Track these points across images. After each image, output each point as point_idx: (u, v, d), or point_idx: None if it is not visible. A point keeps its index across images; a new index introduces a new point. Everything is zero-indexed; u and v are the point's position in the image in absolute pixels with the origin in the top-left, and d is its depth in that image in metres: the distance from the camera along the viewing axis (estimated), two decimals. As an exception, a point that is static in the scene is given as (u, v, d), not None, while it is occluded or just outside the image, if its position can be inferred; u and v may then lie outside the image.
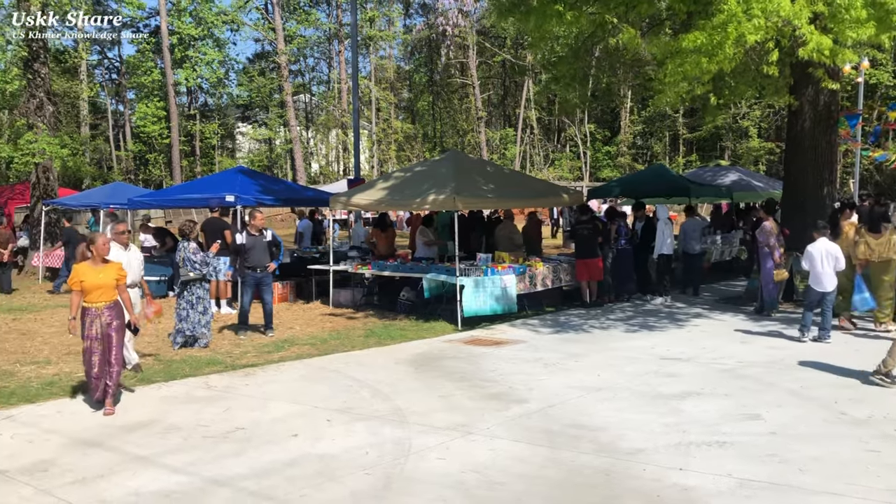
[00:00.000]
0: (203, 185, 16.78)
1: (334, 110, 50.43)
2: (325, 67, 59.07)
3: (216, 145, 52.93)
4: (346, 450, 5.86)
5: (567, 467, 5.42)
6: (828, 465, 5.33)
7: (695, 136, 47.09)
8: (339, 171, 52.14)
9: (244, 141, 59.30)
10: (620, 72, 16.96)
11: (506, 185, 13.51)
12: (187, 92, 51.77)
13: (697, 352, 9.33)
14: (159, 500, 4.94)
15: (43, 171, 20.77)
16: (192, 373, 8.61)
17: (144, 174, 48.90)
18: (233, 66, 51.91)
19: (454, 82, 54.11)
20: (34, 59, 20.45)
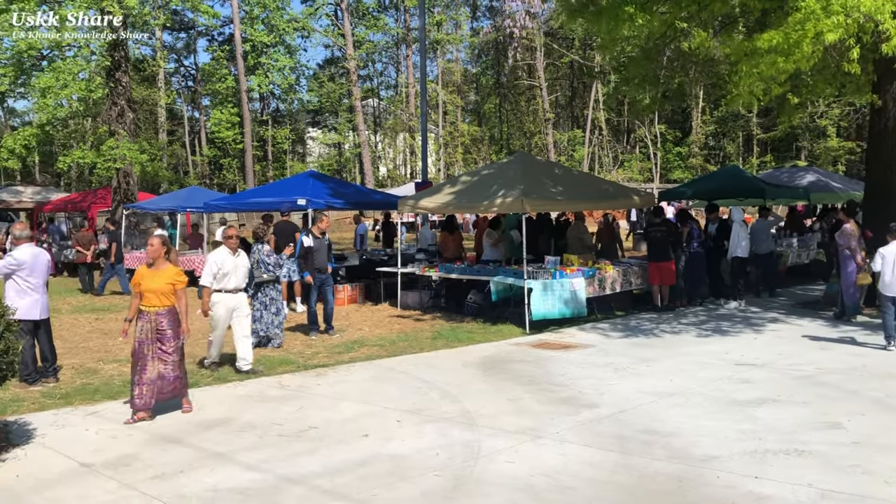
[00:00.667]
0: (276, 189, 17.17)
1: (402, 114, 50.88)
2: (393, 72, 59.67)
3: (287, 150, 53.99)
4: (416, 450, 5.91)
5: (639, 473, 5.35)
6: (915, 477, 5.12)
7: (769, 137, 45.77)
8: (407, 175, 52.56)
9: (314, 146, 60.37)
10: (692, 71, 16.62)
11: (575, 187, 13.40)
12: (260, 98, 52.96)
13: (773, 357, 9.08)
14: (235, 497, 5.08)
15: (123, 176, 21.59)
16: (267, 372, 8.81)
17: (218, 178, 50.24)
18: (303, 72, 52.83)
19: (521, 84, 53.95)
20: (116, 68, 21.29)
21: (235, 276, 8.77)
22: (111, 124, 21.31)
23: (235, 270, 8.77)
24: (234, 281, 8.75)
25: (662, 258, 12.90)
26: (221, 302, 8.70)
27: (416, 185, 19.96)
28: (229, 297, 8.72)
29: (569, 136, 52.19)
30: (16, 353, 5.92)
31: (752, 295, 14.07)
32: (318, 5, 48.72)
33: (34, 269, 8.08)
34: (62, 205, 26.31)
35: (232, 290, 8.74)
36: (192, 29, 52.59)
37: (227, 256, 8.75)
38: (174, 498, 5.04)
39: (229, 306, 8.70)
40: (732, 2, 11.50)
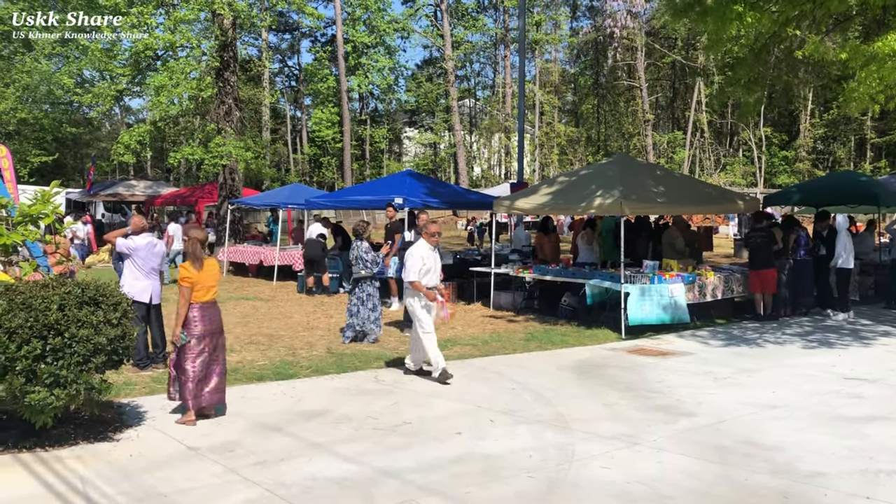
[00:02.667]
0: (374, 188, 17.50)
1: (498, 114, 50.91)
2: (490, 72, 59.83)
3: (384, 149, 54.95)
4: (509, 451, 5.92)
5: (740, 486, 5.19)
6: None
7: (885, 141, 43.45)
8: (501, 175, 52.58)
9: (410, 145, 61.19)
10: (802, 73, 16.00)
11: (675, 190, 13.10)
12: (359, 98, 54.07)
13: (885, 373, 8.63)
14: (332, 486, 5.21)
15: (229, 173, 22.46)
16: (362, 366, 9.00)
17: (318, 176, 51.60)
18: (402, 72, 53.67)
19: (620, 85, 53.09)
20: (225, 69, 22.16)
21: (435, 273, 8.37)
22: (219, 122, 22.20)
23: (435, 266, 8.37)
24: (434, 278, 8.34)
25: (763, 265, 12.45)
26: (424, 302, 8.25)
27: (512, 185, 19.94)
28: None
29: (669, 138, 51.00)
30: (131, 339, 6.24)
31: (882, 306, 13.66)
32: (418, 6, 49.39)
33: (149, 255, 8.67)
34: (171, 199, 27.62)
35: (432, 287, 8.31)
36: (296, 30, 54.24)
37: (429, 251, 8.32)
38: (274, 485, 5.22)
39: (430, 303, 8.29)
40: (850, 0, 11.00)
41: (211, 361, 6.78)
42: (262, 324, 12.08)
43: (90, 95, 24.71)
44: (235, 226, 22.13)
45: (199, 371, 6.67)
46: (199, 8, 20.83)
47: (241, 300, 14.82)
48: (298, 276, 16.63)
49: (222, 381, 6.88)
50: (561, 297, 12.83)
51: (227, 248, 20.20)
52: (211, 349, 6.79)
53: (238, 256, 19.71)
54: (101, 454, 5.82)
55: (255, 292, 16.15)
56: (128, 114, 52.93)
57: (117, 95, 25.79)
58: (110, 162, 40.84)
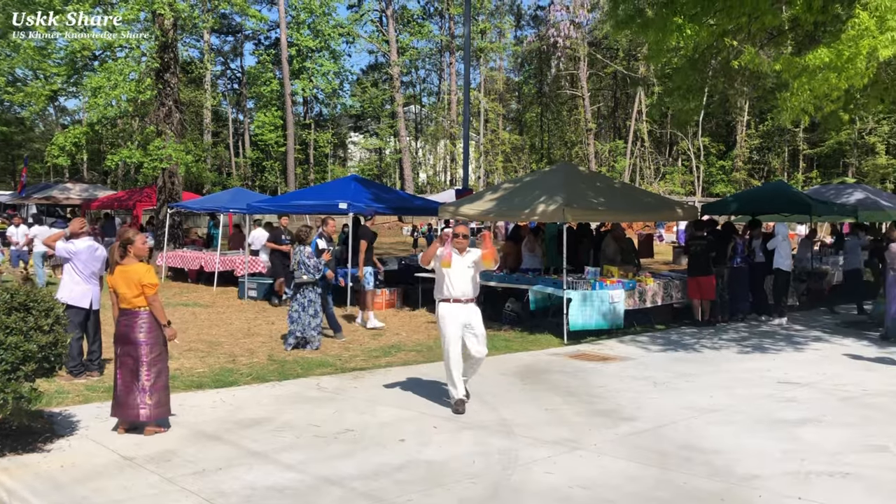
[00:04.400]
0: (318, 192, 17.32)
1: (443, 121, 51.07)
2: (436, 79, 60.00)
3: (329, 154, 54.58)
4: (453, 457, 5.90)
5: (680, 489, 5.28)
6: (965, 505, 4.98)
7: (816, 152, 45.03)
8: (446, 181, 52.72)
9: (355, 150, 60.94)
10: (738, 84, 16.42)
11: (616, 198, 13.31)
12: (303, 102, 53.62)
13: (817, 377, 8.90)
14: (274, 495, 5.12)
15: (169, 176, 21.99)
16: (304, 374, 8.88)
17: (261, 180, 50.93)
18: (347, 76, 53.42)
19: (563, 94, 53.84)
20: (165, 70, 21.72)
21: (464, 281, 7.27)
22: (159, 124, 21.73)
23: (462, 275, 7.26)
24: (461, 287, 7.26)
25: (702, 272, 12.74)
26: (450, 315, 7.26)
27: (457, 191, 19.99)
28: (459, 309, 7.27)
29: (610, 147, 51.91)
30: (64, 346, 6.05)
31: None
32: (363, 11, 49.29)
33: (90, 260, 8.43)
34: (109, 202, 26.91)
35: (460, 299, 7.29)
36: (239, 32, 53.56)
37: (455, 256, 7.26)
38: (213, 494, 5.10)
39: (460, 320, 7.24)
40: (783, 15, 11.35)
41: (125, 373, 6.48)
42: (202, 330, 11.84)
43: (22, 94, 23.91)
44: (175, 230, 21.67)
45: (118, 380, 6.49)
46: (139, 8, 20.37)
47: (180, 306, 14.51)
48: (240, 281, 16.35)
49: (132, 396, 6.42)
50: (505, 302, 12.90)
51: (165, 253, 19.76)
52: (119, 358, 6.54)
53: (177, 261, 19.31)
54: (30, 465, 5.61)
55: (194, 298, 15.83)
56: (63, 115, 51.48)
57: (51, 95, 25.01)
58: (44, 164, 39.61)
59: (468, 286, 7.26)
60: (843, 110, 11.32)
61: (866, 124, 39.36)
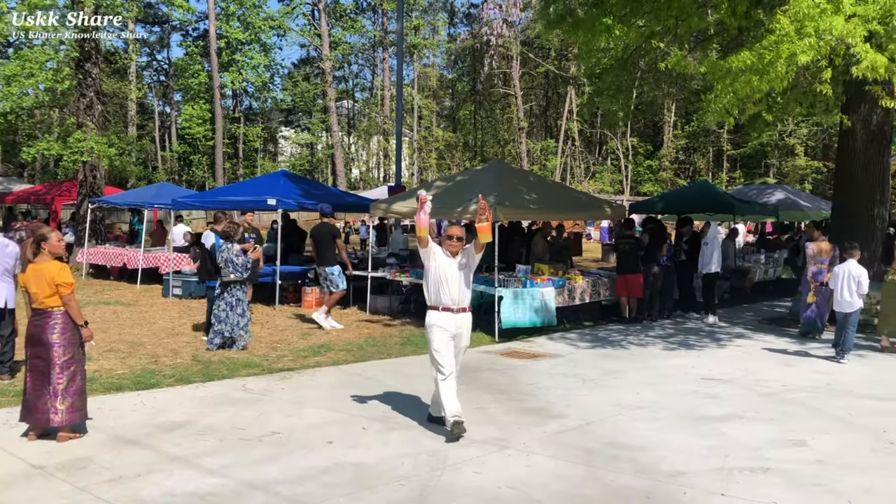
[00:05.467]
0: (246, 188, 16.96)
1: (377, 117, 50.75)
2: (369, 74, 59.61)
3: (259, 149, 53.60)
4: (381, 459, 5.81)
5: (606, 487, 5.31)
6: (878, 497, 5.15)
7: (739, 153, 46.48)
8: (380, 178, 52.42)
9: (286, 145, 60.03)
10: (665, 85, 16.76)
11: (548, 197, 13.41)
12: (232, 95, 52.49)
13: (739, 373, 9.13)
14: (195, 501, 4.94)
15: (90, 170, 21.18)
16: (230, 375, 8.65)
17: (188, 175, 49.67)
18: (278, 70, 52.52)
19: (496, 92, 54.17)
20: (86, 59, 20.88)
21: (455, 287, 6.47)
22: (79, 116, 20.89)
23: (459, 280, 6.49)
24: (452, 294, 6.48)
25: (630, 270, 12.95)
26: (438, 324, 6.49)
27: (390, 188, 19.88)
28: (448, 319, 6.51)
29: (542, 146, 52.48)
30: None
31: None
32: (294, 4, 48.46)
33: (0, 256, 7.96)
34: (25, 196, 25.81)
35: (451, 308, 6.53)
36: (166, 23, 52.07)
37: (446, 259, 6.52)
38: (130, 502, 4.89)
39: (450, 331, 6.49)
40: (709, 19, 11.61)
41: (35, 376, 6.17)
42: (124, 330, 11.44)
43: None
44: (97, 226, 20.89)
45: (28, 384, 6.19)
46: (58, -7, 19.56)
47: (101, 305, 14.00)
48: (164, 279, 15.87)
49: (43, 401, 6.11)
50: (436, 300, 12.83)
51: (86, 250, 19.05)
52: (30, 360, 6.23)
53: (99, 258, 18.65)
54: (-69, 476, 5.28)
55: (116, 296, 15.30)
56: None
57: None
58: (-46, 155, 37.77)
59: (460, 292, 6.48)
60: (766, 112, 11.63)
61: (787, 127, 40.77)
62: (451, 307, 6.45)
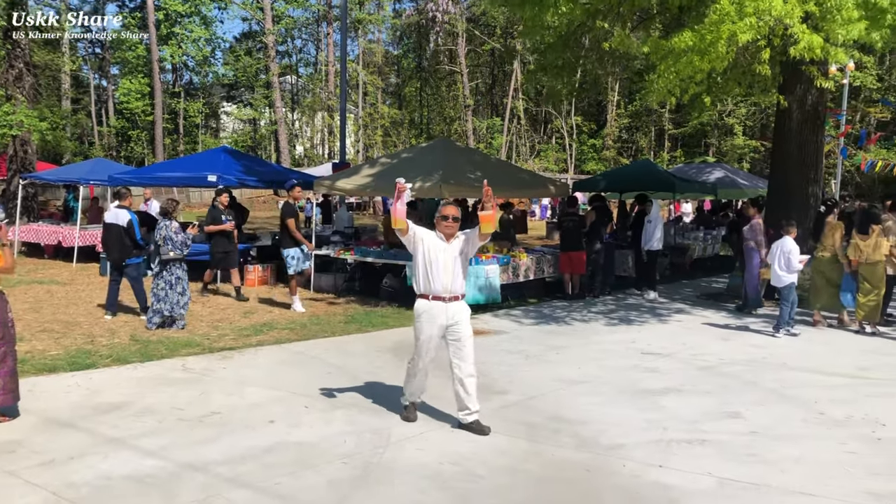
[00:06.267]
0: (186, 164, 16.58)
1: (321, 93, 50.03)
2: (313, 49, 58.66)
3: (200, 124, 52.39)
4: (324, 438, 5.77)
5: (548, 461, 5.37)
6: (808, 466, 5.32)
7: (680, 132, 47.25)
8: (324, 155, 51.80)
9: (228, 121, 58.81)
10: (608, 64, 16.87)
11: (492, 175, 13.38)
12: (172, 69, 51.14)
13: (678, 348, 9.32)
14: (131, 485, 4.83)
15: (21, 144, 20.43)
16: (169, 354, 8.47)
17: (126, 151, 48.29)
18: (219, 44, 51.30)
19: (442, 69, 53.90)
20: (14, 29, 20.06)
21: (447, 273, 5.93)
22: (8, 88, 20.09)
23: (451, 266, 5.93)
24: (443, 280, 5.93)
25: (573, 247, 13.08)
26: (427, 313, 6.01)
27: (334, 165, 19.66)
28: (439, 309, 5.99)
29: (488, 124, 52.50)
30: None
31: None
32: (236, -24, 47.29)
33: None
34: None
35: (442, 296, 6.00)
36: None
37: (437, 242, 5.98)
38: (62, 486, 4.75)
39: (439, 322, 5.99)
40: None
41: None
42: (58, 310, 11.10)
43: None
44: (29, 203, 20.19)
45: None
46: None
47: (34, 284, 13.56)
48: (101, 257, 15.43)
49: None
50: (382, 278, 12.80)
51: (18, 227, 18.40)
52: None
53: (32, 236, 18.02)
54: None
55: (50, 275, 14.83)
56: None
57: None
58: None
59: (453, 279, 5.90)
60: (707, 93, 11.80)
61: (726, 106, 41.57)
62: (442, 296, 5.89)
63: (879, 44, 10.03)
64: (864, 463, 5.37)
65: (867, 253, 10.25)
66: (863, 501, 4.71)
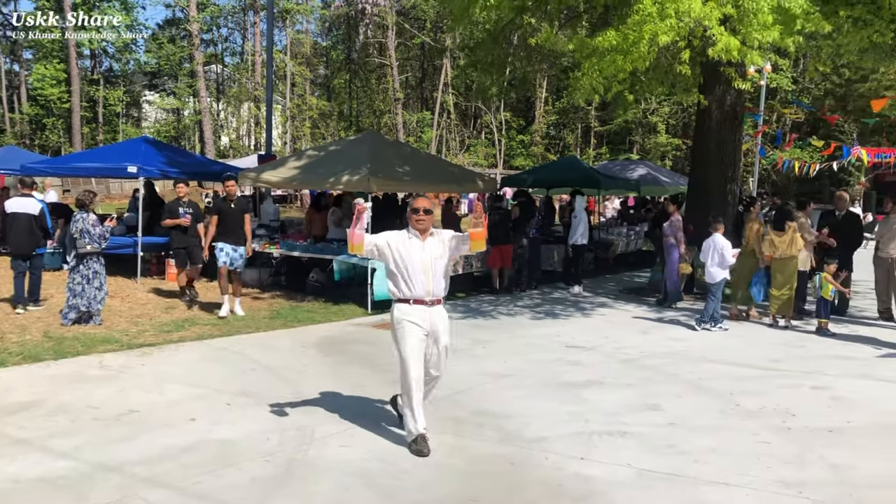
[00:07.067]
0: (105, 154, 16.01)
1: (247, 83, 49.05)
2: (239, 38, 57.46)
3: (121, 113, 50.69)
4: (246, 435, 5.67)
5: (473, 455, 5.41)
6: (723, 456, 5.49)
7: (606, 130, 48.18)
8: (251, 146, 50.80)
9: (151, 110, 57.05)
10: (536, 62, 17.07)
11: (422, 169, 13.42)
12: (91, 55, 49.31)
13: (601, 341, 9.51)
14: (41, 487, 4.65)
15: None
16: (85, 351, 8.19)
17: (41, 139, 46.34)
18: (141, 31, 49.68)
19: (372, 62, 53.54)
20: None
21: (426, 274, 5.45)
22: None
23: (430, 266, 5.46)
24: (423, 282, 5.45)
25: (501, 241, 13.19)
26: (407, 319, 5.44)
27: (260, 157, 19.30)
28: (422, 313, 5.46)
29: (418, 118, 52.43)
30: None
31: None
32: (159, -39, 45.89)
33: None
34: None
35: (424, 300, 5.49)
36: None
37: (408, 242, 5.49)
38: (-33, 491, 4.55)
39: (423, 327, 5.45)
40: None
41: None
42: (-35, 305, 10.60)
43: None
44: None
45: None
46: None
47: (-61, 278, 12.90)
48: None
49: None
50: (308, 273, 12.66)
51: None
52: None
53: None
54: None
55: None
56: None
57: None
58: None
59: (434, 282, 5.46)
60: (630, 91, 12.05)
61: (650, 105, 42.58)
62: (423, 299, 5.42)
63: (792, 48, 10.41)
64: (776, 453, 5.58)
65: (782, 249, 10.65)
66: (774, 490, 4.89)
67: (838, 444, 5.75)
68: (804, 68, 39.16)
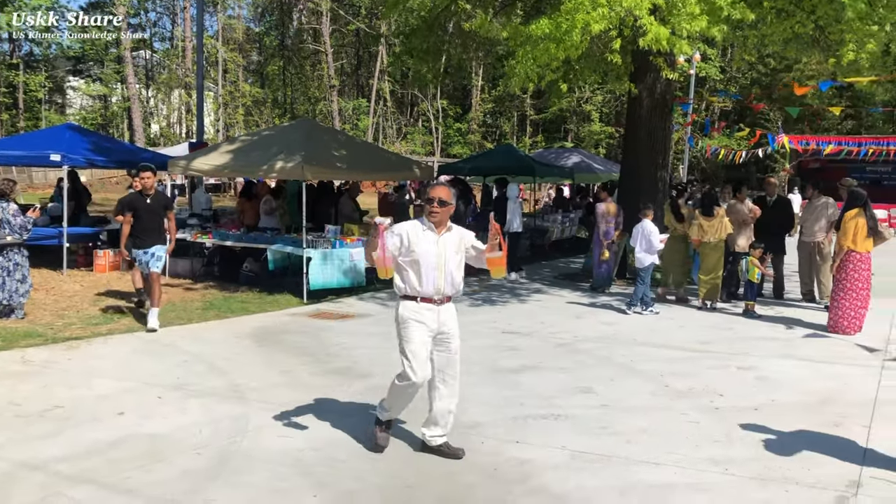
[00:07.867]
0: (26, 142, 15.40)
1: (178, 69, 47.82)
2: (169, 23, 55.96)
3: (43, 99, 48.83)
4: (178, 428, 5.55)
5: (409, 442, 5.41)
6: (653, 436, 5.63)
7: (541, 118, 48.63)
8: (182, 134, 49.59)
9: (75, 96, 55.10)
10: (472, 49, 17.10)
11: (358, 156, 13.31)
12: (9, 38, 47.31)
13: (537, 327, 9.62)
14: (-40, 488, 4.47)
15: None
16: (6, 346, 7.89)
17: (-43, 126, 44.38)
18: (63, 13, 47.84)
19: (306, 48, 52.83)
20: None
21: (438, 271, 4.98)
22: None
23: (443, 263, 4.98)
24: (434, 280, 4.98)
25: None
26: (415, 318, 5.00)
27: (191, 144, 18.86)
28: (428, 312, 5.05)
29: (354, 105, 51.98)
30: None
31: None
32: (82, -59, 44.26)
33: None
34: None
35: (432, 298, 5.05)
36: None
37: (422, 234, 4.97)
38: None
39: (431, 327, 5.05)
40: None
41: None
42: None
43: None
44: None
45: None
46: None
47: None
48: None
49: None
50: (242, 263, 12.45)
51: None
52: None
53: None
54: None
55: None
56: None
57: None
58: None
59: (445, 279, 4.99)
60: (563, 80, 12.18)
61: (584, 94, 43.13)
62: (431, 297, 4.97)
63: (719, 37, 10.67)
64: (704, 433, 5.74)
65: (710, 233, 10.94)
66: (703, 468, 5.04)
67: (763, 422, 5.95)
68: (731, 58, 40.22)
